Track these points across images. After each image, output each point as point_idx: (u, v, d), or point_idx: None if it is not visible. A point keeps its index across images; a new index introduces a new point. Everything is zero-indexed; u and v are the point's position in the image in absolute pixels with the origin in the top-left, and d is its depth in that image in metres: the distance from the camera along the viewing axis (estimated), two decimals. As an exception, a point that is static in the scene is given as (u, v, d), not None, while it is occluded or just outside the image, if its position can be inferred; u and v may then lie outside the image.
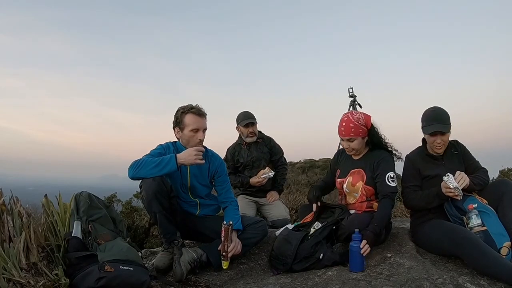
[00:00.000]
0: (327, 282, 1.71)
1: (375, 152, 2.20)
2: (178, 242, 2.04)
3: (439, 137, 2.03)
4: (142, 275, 1.71)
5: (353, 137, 2.13)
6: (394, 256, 1.93)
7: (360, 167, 2.20)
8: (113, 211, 2.09)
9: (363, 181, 2.15)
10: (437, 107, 2.10)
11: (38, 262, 1.60)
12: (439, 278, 1.61)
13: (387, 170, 2.10)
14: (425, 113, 2.11)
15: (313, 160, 13.11)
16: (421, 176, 2.13)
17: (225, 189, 2.27)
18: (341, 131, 2.16)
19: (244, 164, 3.15)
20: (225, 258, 1.97)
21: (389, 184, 2.07)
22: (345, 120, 2.16)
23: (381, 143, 2.21)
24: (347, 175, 2.23)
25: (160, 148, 2.16)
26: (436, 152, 2.11)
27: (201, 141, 2.13)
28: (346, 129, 2.13)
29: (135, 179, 1.98)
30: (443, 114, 2.05)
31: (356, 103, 5.72)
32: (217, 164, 2.25)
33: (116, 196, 3.87)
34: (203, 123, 2.14)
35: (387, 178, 2.07)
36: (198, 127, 2.10)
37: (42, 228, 1.81)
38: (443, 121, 2.03)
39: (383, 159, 2.15)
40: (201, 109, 2.15)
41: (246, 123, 3.07)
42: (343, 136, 2.15)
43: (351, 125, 2.12)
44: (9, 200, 1.78)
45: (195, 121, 2.10)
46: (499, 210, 1.91)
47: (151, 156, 2.05)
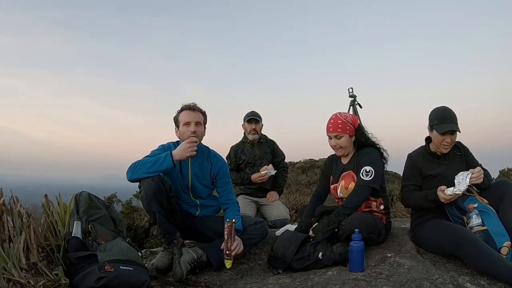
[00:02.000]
0: (327, 282, 1.71)
1: (361, 150, 2.21)
2: (178, 242, 2.04)
3: (449, 137, 2.04)
4: (142, 275, 1.71)
5: (341, 133, 2.15)
6: (394, 256, 1.93)
7: (349, 169, 2.20)
8: (113, 211, 2.09)
9: (355, 182, 2.14)
10: (447, 107, 2.11)
11: (38, 262, 1.60)
12: (439, 278, 1.61)
13: (364, 164, 2.10)
14: (436, 112, 2.10)
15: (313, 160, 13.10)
16: (421, 176, 2.13)
17: (226, 190, 2.28)
18: (328, 127, 2.19)
19: (246, 162, 3.20)
20: (229, 256, 1.95)
21: (362, 177, 2.07)
22: (333, 117, 2.20)
23: (368, 140, 2.22)
24: (339, 179, 2.23)
25: (160, 149, 2.17)
26: (442, 152, 2.11)
27: (193, 133, 2.14)
28: (333, 125, 2.16)
29: (133, 181, 2.00)
30: (454, 115, 2.07)
31: (356, 103, 5.71)
32: (219, 165, 2.26)
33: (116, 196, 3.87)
34: (195, 116, 2.17)
35: (362, 172, 2.08)
36: (189, 120, 2.15)
37: (42, 228, 1.81)
38: (454, 121, 2.04)
39: (365, 154, 2.16)
40: (194, 105, 2.20)
41: (249, 119, 3.18)
42: (331, 132, 2.17)
43: (339, 122, 2.16)
44: (9, 200, 1.78)
45: (187, 115, 2.16)
46: (499, 210, 1.91)
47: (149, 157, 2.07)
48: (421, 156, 2.17)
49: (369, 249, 2.02)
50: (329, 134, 2.19)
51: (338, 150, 2.21)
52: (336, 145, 2.19)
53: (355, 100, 5.70)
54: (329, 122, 2.20)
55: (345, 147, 2.19)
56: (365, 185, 2.07)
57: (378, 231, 2.06)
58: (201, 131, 2.19)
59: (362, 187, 2.07)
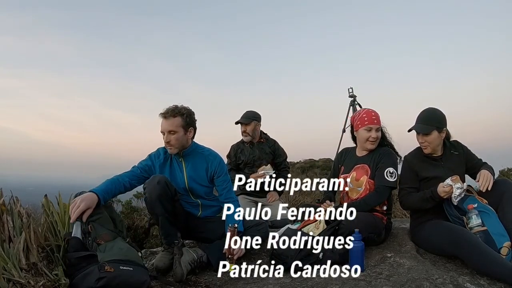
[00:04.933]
0: (327, 282, 1.71)
1: (380, 149, 2.25)
2: (179, 242, 2.04)
3: (421, 137, 2.07)
4: (142, 275, 1.71)
5: (380, 126, 2.23)
6: (394, 256, 1.93)
7: (364, 162, 2.24)
8: (113, 211, 2.09)
9: (368, 175, 2.17)
10: (429, 108, 2.12)
11: (38, 262, 1.60)
12: (439, 278, 1.61)
13: (388, 165, 2.14)
14: (419, 113, 2.13)
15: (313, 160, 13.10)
16: (418, 178, 2.13)
17: (226, 189, 2.23)
18: (372, 118, 2.20)
19: (245, 162, 3.17)
20: (231, 261, 1.94)
21: (386, 178, 2.10)
22: (372, 111, 2.24)
23: (386, 139, 2.28)
24: (351, 170, 2.26)
25: (147, 160, 2.17)
26: (425, 153, 2.12)
27: (167, 143, 2.07)
28: (377, 117, 2.22)
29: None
30: (430, 116, 2.08)
31: (356, 103, 5.71)
32: (215, 164, 2.20)
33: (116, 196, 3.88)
34: (167, 124, 2.05)
35: (386, 172, 2.11)
36: (162, 129, 2.08)
37: (42, 228, 1.82)
38: (425, 122, 2.06)
39: (387, 154, 2.20)
40: (167, 111, 2.07)
41: (237, 122, 3.11)
42: (376, 124, 2.20)
43: (379, 116, 2.23)
44: (9, 200, 1.78)
45: (161, 124, 2.09)
46: (499, 210, 1.91)
47: (138, 168, 2.12)
48: (417, 158, 2.17)
49: (369, 249, 2.03)
50: (372, 126, 2.20)
51: (374, 143, 2.22)
52: (376, 138, 2.21)
53: (355, 100, 5.70)
54: (371, 113, 2.22)
55: (378, 140, 2.24)
56: (389, 186, 2.11)
57: (378, 231, 2.07)
58: (177, 138, 2.07)
59: (386, 188, 2.11)
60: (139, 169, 2.14)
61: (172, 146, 2.08)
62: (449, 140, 2.16)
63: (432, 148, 2.09)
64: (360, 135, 2.24)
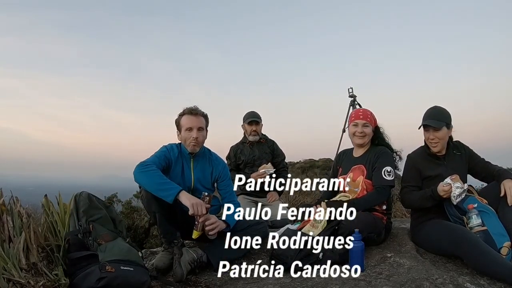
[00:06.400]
0: (327, 282, 1.71)
1: (376, 148, 2.25)
2: (178, 242, 2.05)
3: (432, 133, 2.06)
4: (142, 275, 1.71)
5: (369, 123, 2.22)
6: (394, 256, 1.93)
7: (360, 163, 2.24)
8: (113, 211, 2.09)
9: (364, 176, 2.18)
10: (437, 106, 2.14)
11: (38, 262, 1.60)
12: (439, 278, 1.61)
13: (385, 164, 2.14)
14: (426, 111, 2.14)
15: (313, 160, 13.11)
16: (421, 177, 2.13)
17: (228, 192, 2.30)
18: (358, 115, 2.23)
19: (245, 162, 3.22)
20: (196, 227, 1.93)
21: (384, 177, 2.10)
22: (362, 109, 2.30)
23: (383, 140, 2.28)
24: (348, 172, 2.27)
25: (164, 151, 2.17)
26: (433, 151, 2.12)
27: (195, 139, 2.13)
28: (364, 113, 2.24)
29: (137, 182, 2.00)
30: (439, 112, 2.10)
31: (356, 103, 5.72)
32: (220, 168, 2.28)
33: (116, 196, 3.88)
34: (197, 121, 2.16)
35: (383, 172, 2.11)
36: (191, 125, 2.14)
37: (42, 228, 1.82)
38: (436, 118, 2.06)
39: (383, 153, 2.20)
40: (195, 109, 2.19)
41: (250, 121, 3.18)
42: (361, 118, 2.22)
43: (368, 113, 2.24)
44: (9, 200, 1.78)
45: (189, 120, 2.15)
46: (499, 210, 1.91)
47: (157, 158, 2.08)
48: (420, 157, 2.17)
49: (369, 249, 2.02)
50: (358, 121, 2.22)
51: (361, 137, 2.23)
52: (362, 132, 2.22)
53: (355, 100, 5.70)
54: (359, 111, 2.27)
55: (367, 136, 2.24)
56: (388, 185, 2.11)
57: (378, 231, 2.07)
58: (203, 136, 2.20)
59: (385, 187, 2.11)
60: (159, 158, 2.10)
61: (198, 143, 2.15)
62: (452, 140, 2.17)
63: (442, 145, 2.10)
64: (349, 132, 2.30)
